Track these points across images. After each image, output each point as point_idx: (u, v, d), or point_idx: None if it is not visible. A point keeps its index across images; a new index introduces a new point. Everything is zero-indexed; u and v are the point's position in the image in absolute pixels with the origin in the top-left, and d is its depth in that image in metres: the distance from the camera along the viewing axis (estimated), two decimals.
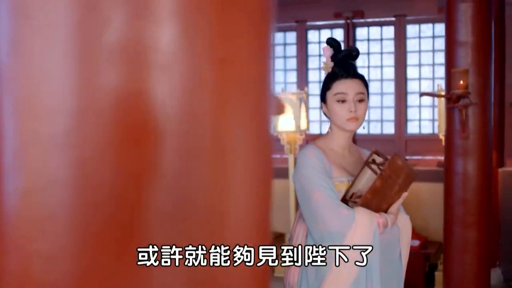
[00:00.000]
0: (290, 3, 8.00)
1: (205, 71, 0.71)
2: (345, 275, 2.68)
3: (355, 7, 7.64)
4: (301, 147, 7.37)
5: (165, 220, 0.71)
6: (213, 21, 0.71)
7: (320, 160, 2.75)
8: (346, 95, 2.78)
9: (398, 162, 2.67)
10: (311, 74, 7.94)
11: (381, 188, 2.67)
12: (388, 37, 7.64)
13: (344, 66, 2.83)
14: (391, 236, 2.80)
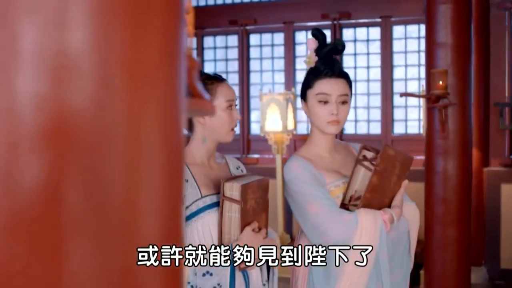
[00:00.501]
0: (278, 5, 8.05)
1: (116, 75, 0.75)
2: (357, 276, 2.56)
3: (342, 8, 7.69)
4: (288, 147, 7.44)
5: (79, 216, 0.75)
6: (124, 28, 0.75)
7: (307, 170, 2.64)
8: (329, 96, 2.64)
9: (390, 153, 2.56)
10: (299, 74, 7.99)
11: (379, 183, 2.56)
12: (374, 38, 7.69)
13: (329, 62, 2.68)
14: (400, 231, 2.68)
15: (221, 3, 8.43)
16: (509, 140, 7.05)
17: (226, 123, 2.64)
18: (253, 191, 2.57)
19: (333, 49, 2.71)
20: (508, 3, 6.95)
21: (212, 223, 2.56)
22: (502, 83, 7.06)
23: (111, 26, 0.74)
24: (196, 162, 2.65)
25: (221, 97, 2.63)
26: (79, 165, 0.74)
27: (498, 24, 7.05)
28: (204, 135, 2.65)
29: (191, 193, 2.56)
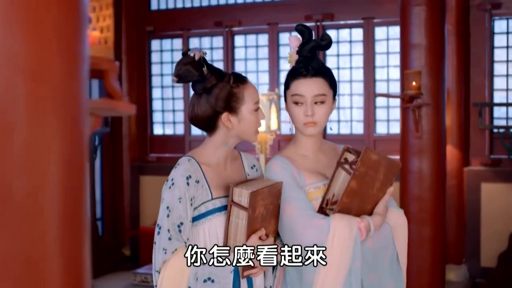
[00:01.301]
0: (262, 6, 8.13)
1: (18, 80, 0.82)
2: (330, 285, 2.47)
3: (325, 9, 7.78)
4: (272, 147, 7.51)
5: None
6: (25, 37, 0.82)
7: (286, 170, 2.57)
8: (303, 97, 2.56)
9: (371, 157, 2.45)
10: (283, 75, 8.06)
11: (359, 188, 2.45)
12: (357, 39, 7.77)
13: (307, 61, 2.60)
14: (382, 240, 2.57)
15: (206, 4, 8.50)
16: (489, 139, 7.14)
17: (255, 125, 2.58)
18: (263, 197, 2.47)
19: (316, 46, 2.62)
20: (488, 5, 7.04)
21: (220, 226, 2.51)
22: (482, 83, 7.15)
23: (12, 31, 0.81)
24: (211, 163, 2.57)
25: (249, 100, 2.55)
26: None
27: (478, 25, 7.14)
28: (228, 140, 2.58)
29: (201, 194, 2.50)
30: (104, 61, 0.99)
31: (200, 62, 2.50)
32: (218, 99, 2.51)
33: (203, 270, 2.40)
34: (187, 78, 2.51)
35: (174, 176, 2.49)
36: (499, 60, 7.26)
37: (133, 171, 8.67)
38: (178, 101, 8.73)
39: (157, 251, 2.46)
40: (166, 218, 2.45)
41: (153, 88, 8.87)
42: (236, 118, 2.53)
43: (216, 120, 2.55)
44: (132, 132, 8.73)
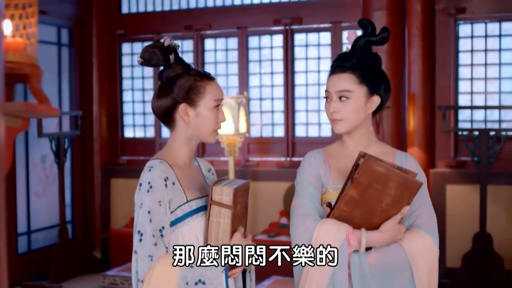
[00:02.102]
0: (232, 10, 8.20)
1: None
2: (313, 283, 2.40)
3: (293, 13, 7.86)
4: (241, 150, 7.58)
5: None
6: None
7: (313, 166, 2.54)
8: (329, 93, 2.54)
9: (376, 168, 2.32)
10: (252, 79, 8.14)
11: (360, 199, 2.35)
12: (325, 43, 7.86)
13: (340, 57, 2.56)
14: (389, 261, 2.41)
15: (177, 8, 8.55)
16: (454, 142, 7.25)
17: (211, 123, 2.54)
18: (240, 195, 2.49)
19: (368, 41, 2.55)
20: (452, 9, 7.15)
21: (198, 228, 2.47)
22: (447, 86, 7.27)
23: None
24: (179, 164, 2.55)
25: (209, 96, 2.53)
26: None
27: (443, 29, 7.25)
28: (190, 134, 2.56)
29: (177, 197, 2.47)
30: (28, 66, 1.04)
31: (168, 49, 2.51)
32: (179, 89, 2.50)
33: (193, 273, 2.34)
34: (152, 61, 2.51)
35: (151, 179, 2.42)
36: (464, 63, 7.37)
37: (104, 174, 8.70)
38: (149, 104, 8.75)
39: (140, 259, 2.38)
40: (148, 223, 2.39)
41: (124, 91, 8.90)
42: (194, 112, 2.52)
43: (174, 112, 2.53)
44: (103, 135, 8.75)
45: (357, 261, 2.39)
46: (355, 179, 2.31)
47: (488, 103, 7.30)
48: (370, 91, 2.52)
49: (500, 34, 7.26)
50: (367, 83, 2.51)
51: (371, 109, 2.57)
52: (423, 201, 2.55)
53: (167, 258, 2.38)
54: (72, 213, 8.46)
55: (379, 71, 2.59)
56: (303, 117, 7.99)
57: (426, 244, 2.46)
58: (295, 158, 7.86)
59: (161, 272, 2.35)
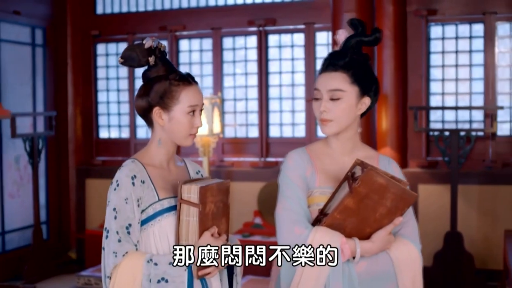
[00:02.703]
0: (206, 11, 8.23)
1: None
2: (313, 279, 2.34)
3: (267, 15, 7.91)
4: (215, 150, 7.62)
5: None
6: None
7: (299, 166, 2.47)
8: (319, 92, 2.45)
9: (377, 180, 2.27)
10: (226, 79, 8.18)
11: (356, 208, 2.30)
12: (298, 44, 7.92)
13: (332, 56, 2.48)
14: (377, 270, 2.38)
15: (151, 9, 8.57)
16: (426, 142, 7.34)
17: (185, 128, 2.52)
18: (212, 194, 2.46)
19: (360, 41, 2.47)
20: (424, 11, 7.24)
21: (169, 227, 2.47)
22: (419, 87, 7.35)
23: None
24: (154, 164, 2.55)
25: (183, 101, 2.49)
26: None
27: (415, 31, 7.33)
28: (161, 137, 2.56)
29: (148, 195, 2.48)
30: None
31: (149, 50, 2.50)
32: (154, 93, 2.50)
33: (156, 271, 2.36)
34: (131, 61, 2.51)
35: (119, 177, 2.46)
36: (435, 65, 7.47)
37: (78, 175, 8.69)
38: (123, 105, 8.77)
39: (106, 256, 2.41)
40: (113, 220, 2.42)
41: (99, 91, 8.90)
42: (167, 116, 2.51)
43: (150, 114, 2.54)
44: (78, 135, 8.75)
45: (346, 268, 2.34)
46: (354, 189, 2.24)
47: (459, 104, 7.39)
48: (361, 92, 2.43)
49: (470, 35, 7.35)
50: (359, 83, 2.42)
51: (361, 111, 2.49)
52: (409, 210, 2.49)
53: (133, 255, 2.40)
54: (47, 213, 8.45)
55: (370, 72, 2.51)
56: (277, 118, 8.04)
57: (411, 253, 2.43)
58: (269, 158, 7.92)
59: (125, 268, 2.37)
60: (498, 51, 7.21)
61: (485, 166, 7.16)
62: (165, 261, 2.38)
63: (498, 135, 7.19)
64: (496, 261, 6.92)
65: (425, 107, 7.24)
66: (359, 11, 4.93)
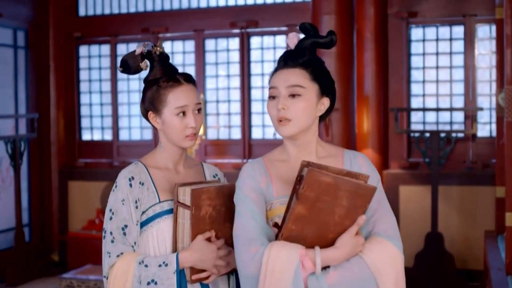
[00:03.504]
0: (188, 13, 8.25)
1: None
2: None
3: (249, 17, 7.94)
4: (197, 152, 7.63)
5: None
6: None
7: (252, 178, 2.28)
8: (276, 89, 2.26)
9: (321, 179, 2.07)
10: (209, 81, 8.20)
11: (309, 215, 2.10)
12: (280, 46, 7.95)
13: (287, 54, 2.34)
14: (351, 277, 2.14)
15: (134, 11, 8.57)
16: (407, 144, 7.39)
17: (177, 130, 2.49)
18: (209, 197, 2.38)
19: (315, 43, 2.32)
20: (405, 13, 7.29)
21: (167, 229, 2.45)
22: (400, 89, 7.40)
23: None
24: (158, 166, 2.55)
25: (171, 103, 2.47)
26: None
27: (396, 33, 7.38)
28: (162, 140, 2.57)
29: (148, 197, 2.47)
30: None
31: (141, 56, 2.51)
32: (146, 98, 2.53)
33: (146, 273, 2.36)
34: (127, 68, 2.55)
35: (118, 179, 2.49)
36: (416, 66, 7.52)
37: (61, 177, 8.67)
38: (106, 107, 8.77)
39: (103, 255, 2.45)
40: (109, 221, 2.45)
41: (82, 93, 8.89)
42: (160, 120, 2.52)
43: (148, 118, 2.57)
44: (60, 137, 8.73)
45: (316, 283, 2.12)
46: (301, 194, 2.05)
47: (440, 105, 7.45)
48: (321, 91, 2.27)
49: (451, 37, 7.41)
50: (319, 82, 2.27)
51: (320, 112, 2.31)
52: (380, 204, 2.29)
53: (127, 256, 2.41)
54: (29, 216, 8.43)
55: (329, 73, 2.36)
56: (260, 119, 8.07)
57: (389, 252, 2.18)
58: (252, 160, 7.92)
59: (119, 269, 2.39)
60: (478, 53, 7.28)
61: (465, 167, 7.21)
62: (155, 263, 2.37)
63: (478, 137, 7.25)
64: (476, 262, 6.97)
65: (406, 108, 7.29)
66: (339, 13, 4.96)
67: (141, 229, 2.48)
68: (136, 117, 8.54)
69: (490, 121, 7.30)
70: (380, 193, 2.31)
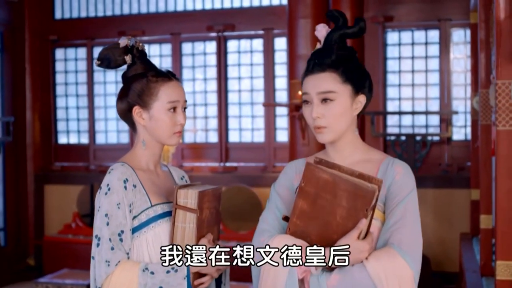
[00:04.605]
0: (165, 17, 8.25)
1: None
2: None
3: (226, 20, 7.95)
4: (174, 155, 7.63)
5: None
6: None
7: (289, 175, 2.27)
8: (308, 95, 2.18)
9: (320, 175, 2.03)
10: (186, 85, 8.19)
11: (312, 212, 2.06)
12: (257, 50, 7.97)
13: (317, 55, 2.21)
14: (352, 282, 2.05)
15: (110, 14, 8.56)
16: (383, 146, 7.42)
17: (167, 126, 2.38)
18: (208, 199, 2.34)
19: (344, 34, 2.20)
20: (381, 17, 7.34)
21: (163, 234, 2.34)
22: (376, 93, 7.44)
23: None
24: (142, 167, 2.41)
25: (162, 98, 2.37)
26: None
27: (372, 37, 7.42)
28: (145, 138, 2.42)
29: (140, 200, 2.34)
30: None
31: (125, 49, 2.43)
32: (132, 91, 2.40)
33: (153, 280, 2.24)
34: (107, 62, 2.42)
35: (109, 181, 2.32)
36: (392, 70, 7.57)
37: (37, 180, 8.62)
38: (82, 110, 8.74)
39: (97, 265, 2.29)
40: (105, 227, 2.29)
41: (58, 97, 8.86)
42: (148, 115, 2.39)
43: (130, 115, 2.43)
44: (36, 141, 8.68)
45: (316, 281, 2.07)
46: (300, 189, 2.04)
47: (415, 109, 7.50)
48: (355, 90, 2.16)
49: (426, 41, 7.48)
50: (351, 81, 2.15)
51: (357, 111, 2.20)
52: (405, 214, 2.13)
53: (127, 264, 2.28)
54: (5, 220, 8.37)
55: (361, 67, 2.24)
56: (236, 123, 8.08)
57: (395, 264, 2.04)
58: (229, 163, 7.95)
59: (119, 278, 2.26)
60: (453, 57, 7.35)
61: (441, 170, 7.27)
62: (162, 270, 2.25)
63: (454, 140, 7.32)
64: (452, 264, 7.03)
65: (382, 112, 7.34)
66: (315, 17, 4.99)
67: (132, 234, 2.34)
68: (113, 120, 8.52)
69: (465, 125, 7.38)
70: (409, 204, 2.15)
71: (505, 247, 2.91)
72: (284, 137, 7.82)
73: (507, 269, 2.94)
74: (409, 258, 2.06)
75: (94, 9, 8.64)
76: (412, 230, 2.12)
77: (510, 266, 2.94)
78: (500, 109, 2.86)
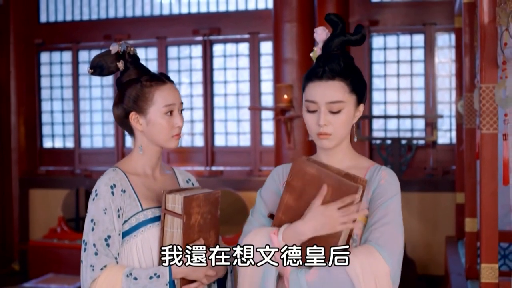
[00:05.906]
0: (150, 20, 8.24)
1: None
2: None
3: (212, 24, 7.95)
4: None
5: None
6: None
7: (273, 180, 2.29)
8: (315, 104, 2.17)
9: (307, 170, 2.09)
10: None
11: (297, 206, 2.09)
12: (243, 54, 7.97)
13: (325, 60, 2.18)
14: (330, 277, 2.06)
15: (95, 18, 8.54)
16: (369, 150, 7.45)
17: (165, 130, 2.38)
18: (198, 204, 2.31)
19: (346, 41, 2.20)
20: (366, 21, 7.36)
21: (153, 239, 2.34)
22: None
23: None
24: (137, 172, 2.42)
25: (158, 102, 2.37)
26: None
27: None
28: (142, 143, 2.42)
29: (130, 205, 2.35)
30: None
31: (117, 56, 2.41)
32: (127, 98, 2.39)
33: (135, 286, 2.24)
34: (100, 69, 2.41)
35: (98, 186, 2.34)
36: (377, 74, 7.60)
37: (22, 185, 8.59)
38: (68, 114, 8.71)
39: (84, 269, 2.30)
40: (91, 232, 2.30)
41: (43, 100, 8.83)
42: (144, 120, 2.39)
43: (127, 121, 2.43)
44: (21, 145, 8.65)
45: (295, 277, 2.09)
46: (287, 183, 2.09)
47: (401, 113, 7.53)
48: (358, 100, 2.21)
49: (411, 46, 7.51)
50: (357, 92, 2.19)
51: (356, 119, 2.26)
52: (386, 214, 2.16)
53: (113, 268, 2.29)
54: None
55: (363, 77, 2.26)
56: (222, 127, 8.08)
57: (373, 262, 2.06)
58: (215, 167, 7.95)
59: (104, 283, 2.26)
60: (438, 61, 7.38)
61: (426, 173, 7.30)
62: (145, 276, 2.26)
63: (439, 144, 7.35)
64: (437, 267, 7.06)
65: (368, 116, 7.36)
66: (300, 21, 5.01)
67: (123, 239, 2.35)
68: (98, 124, 8.50)
69: (450, 128, 7.41)
70: (392, 206, 2.18)
71: (489, 250, 2.93)
72: (270, 141, 7.83)
73: (492, 272, 2.96)
74: (385, 254, 2.07)
75: (79, 12, 8.61)
76: (392, 228, 2.15)
77: (495, 269, 2.96)
78: (484, 112, 2.88)
